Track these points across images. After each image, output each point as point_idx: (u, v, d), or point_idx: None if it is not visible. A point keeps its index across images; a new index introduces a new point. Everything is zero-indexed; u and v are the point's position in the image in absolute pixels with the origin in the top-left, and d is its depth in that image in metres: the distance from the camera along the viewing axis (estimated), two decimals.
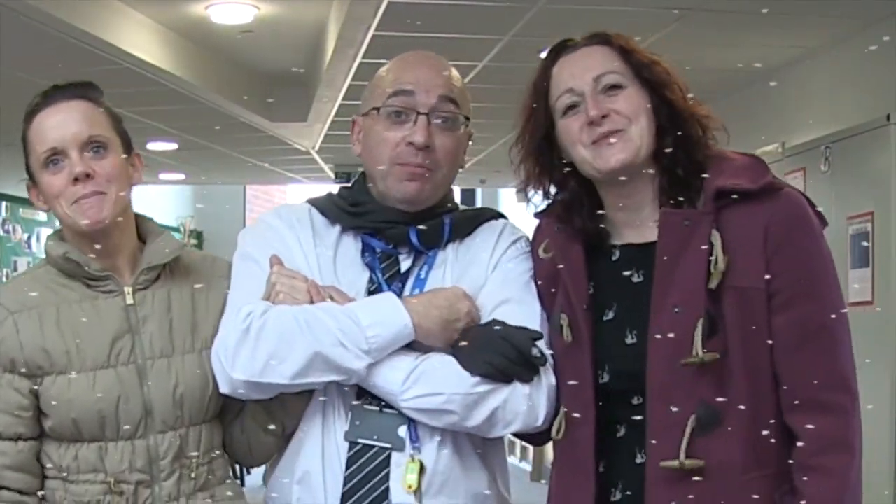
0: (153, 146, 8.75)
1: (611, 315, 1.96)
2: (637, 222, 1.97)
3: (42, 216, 9.24)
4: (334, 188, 2.26)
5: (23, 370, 2.03)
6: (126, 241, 2.12)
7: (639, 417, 1.89)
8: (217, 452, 2.14)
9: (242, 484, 2.76)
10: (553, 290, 2.02)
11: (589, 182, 2.00)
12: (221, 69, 6.87)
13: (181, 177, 10.72)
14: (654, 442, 1.86)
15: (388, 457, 1.97)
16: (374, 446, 1.98)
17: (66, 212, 2.08)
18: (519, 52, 5.49)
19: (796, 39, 5.27)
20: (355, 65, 5.95)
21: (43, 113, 2.14)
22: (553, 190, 2.06)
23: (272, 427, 2.08)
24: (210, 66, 6.72)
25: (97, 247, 2.08)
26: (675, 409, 1.83)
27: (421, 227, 2.06)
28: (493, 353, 1.93)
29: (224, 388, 2.01)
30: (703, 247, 1.85)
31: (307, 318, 1.95)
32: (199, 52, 6.52)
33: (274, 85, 7.37)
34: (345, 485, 1.97)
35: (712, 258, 1.84)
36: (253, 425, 2.10)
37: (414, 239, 2.06)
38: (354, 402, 2.00)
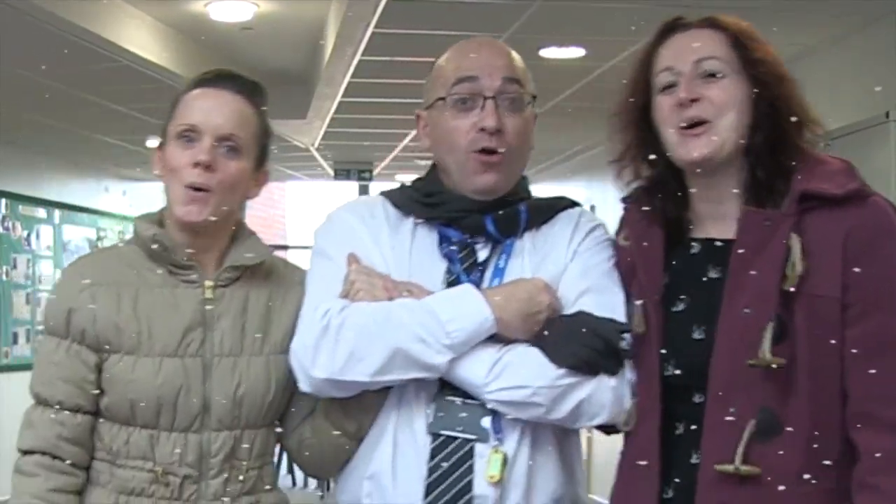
0: (153, 143, 8.73)
1: (680, 307, 1.94)
2: (720, 216, 1.95)
3: (42, 213, 9.24)
4: (334, 185, 2.25)
5: (91, 343, 2.03)
6: (217, 242, 2.12)
7: (698, 418, 1.86)
8: (268, 459, 2.13)
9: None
10: (631, 279, 2.01)
11: (678, 167, 1.98)
12: (221, 66, 6.86)
13: None
14: (709, 442, 1.83)
15: (472, 448, 1.95)
16: (457, 438, 1.96)
17: (174, 189, 2.07)
18: (518, 49, 5.47)
19: (796, 37, 5.27)
20: (354, 62, 5.95)
21: (204, 90, 2.13)
22: (644, 171, 2.03)
23: (348, 427, 2.04)
24: (209, 64, 6.70)
25: (188, 238, 2.08)
26: (733, 412, 1.80)
27: (497, 215, 2.04)
28: (580, 345, 1.92)
29: (304, 387, 2.00)
30: (781, 249, 1.82)
31: (386, 314, 1.94)
32: (199, 49, 6.51)
33: (273, 82, 7.33)
34: (428, 476, 1.95)
35: (790, 262, 1.80)
36: (326, 425, 2.07)
37: (491, 227, 2.04)
38: (437, 394, 1.97)
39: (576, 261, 2.05)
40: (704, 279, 1.92)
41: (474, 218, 2.05)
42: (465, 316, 1.93)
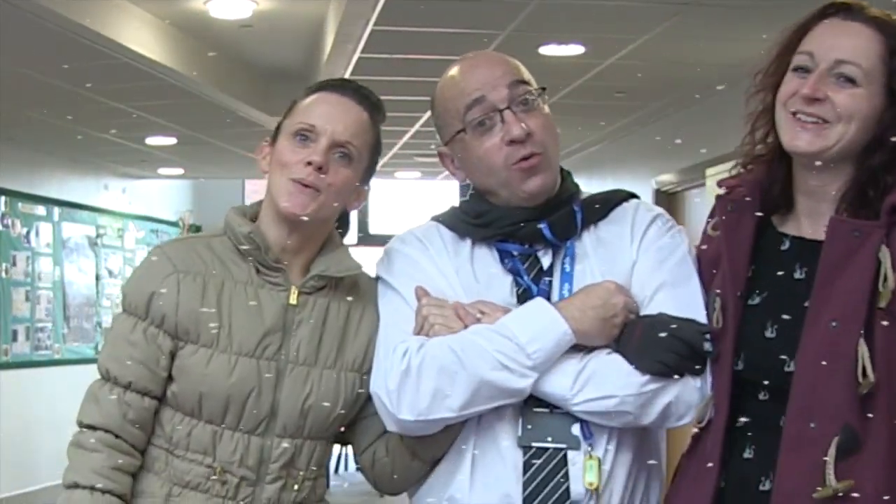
0: (152, 141, 8.75)
1: (756, 300, 1.91)
2: (817, 213, 1.90)
3: (41, 211, 9.24)
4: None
5: (170, 329, 2.03)
6: (309, 246, 2.11)
7: (760, 414, 1.85)
8: (322, 472, 2.13)
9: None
10: (715, 269, 1.97)
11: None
12: (220, 64, 6.86)
13: (180, 171, 10.71)
14: (788, 457, 1.78)
15: (564, 456, 1.94)
16: (548, 448, 1.95)
17: (278, 183, 2.07)
18: (518, 46, 5.48)
19: None
20: (354, 59, 5.95)
21: (327, 94, 2.12)
22: (763, 145, 1.98)
23: (424, 454, 2.04)
24: (209, 61, 6.71)
25: (283, 234, 2.07)
26: (814, 427, 1.76)
27: (552, 219, 2.03)
28: (664, 350, 1.90)
29: (392, 428, 2.00)
30: (870, 262, 1.76)
31: (464, 346, 1.93)
32: (198, 46, 6.51)
33: (273, 79, 7.37)
34: (524, 490, 1.94)
35: (881, 275, 1.75)
36: (401, 449, 2.06)
37: (547, 232, 2.03)
38: (523, 407, 1.96)
39: (644, 255, 2.03)
40: (789, 278, 1.89)
41: (530, 226, 2.03)
42: (544, 334, 1.92)
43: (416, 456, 2.04)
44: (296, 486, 2.06)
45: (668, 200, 7.69)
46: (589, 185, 2.20)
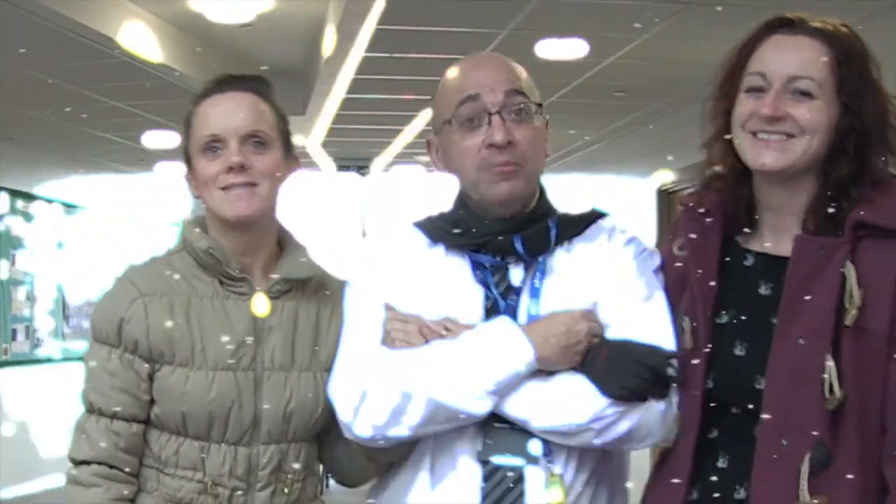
0: (152, 140, 8.74)
1: (724, 319, 1.91)
2: (781, 228, 1.90)
3: (41, 210, 9.23)
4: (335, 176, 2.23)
5: (144, 353, 2.03)
6: (266, 242, 2.12)
7: (734, 428, 1.85)
8: (312, 471, 2.14)
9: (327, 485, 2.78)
10: (682, 289, 1.97)
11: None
12: (220, 63, 6.86)
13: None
14: (762, 473, 1.79)
15: (522, 473, 1.94)
16: (507, 464, 1.94)
17: (213, 199, 2.07)
18: (517, 45, 5.47)
19: None
20: (354, 59, 5.95)
21: (212, 99, 2.12)
22: (722, 165, 1.98)
23: (380, 459, 2.05)
24: (209, 60, 6.71)
25: (236, 240, 2.08)
26: (786, 444, 1.77)
27: (526, 234, 2.02)
28: (628, 375, 1.90)
29: (349, 436, 2.00)
30: (836, 279, 1.77)
31: (425, 365, 1.92)
32: (198, 45, 6.51)
33: (273, 79, 7.35)
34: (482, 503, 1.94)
35: (847, 291, 1.76)
36: (359, 452, 2.06)
37: (520, 247, 2.01)
38: (484, 423, 1.95)
39: (615, 277, 2.02)
40: (755, 294, 1.89)
41: (504, 239, 2.02)
42: (507, 359, 1.91)
43: (372, 459, 2.05)
44: (286, 490, 2.07)
45: (669, 199, 7.69)
46: (589, 184, 2.20)
